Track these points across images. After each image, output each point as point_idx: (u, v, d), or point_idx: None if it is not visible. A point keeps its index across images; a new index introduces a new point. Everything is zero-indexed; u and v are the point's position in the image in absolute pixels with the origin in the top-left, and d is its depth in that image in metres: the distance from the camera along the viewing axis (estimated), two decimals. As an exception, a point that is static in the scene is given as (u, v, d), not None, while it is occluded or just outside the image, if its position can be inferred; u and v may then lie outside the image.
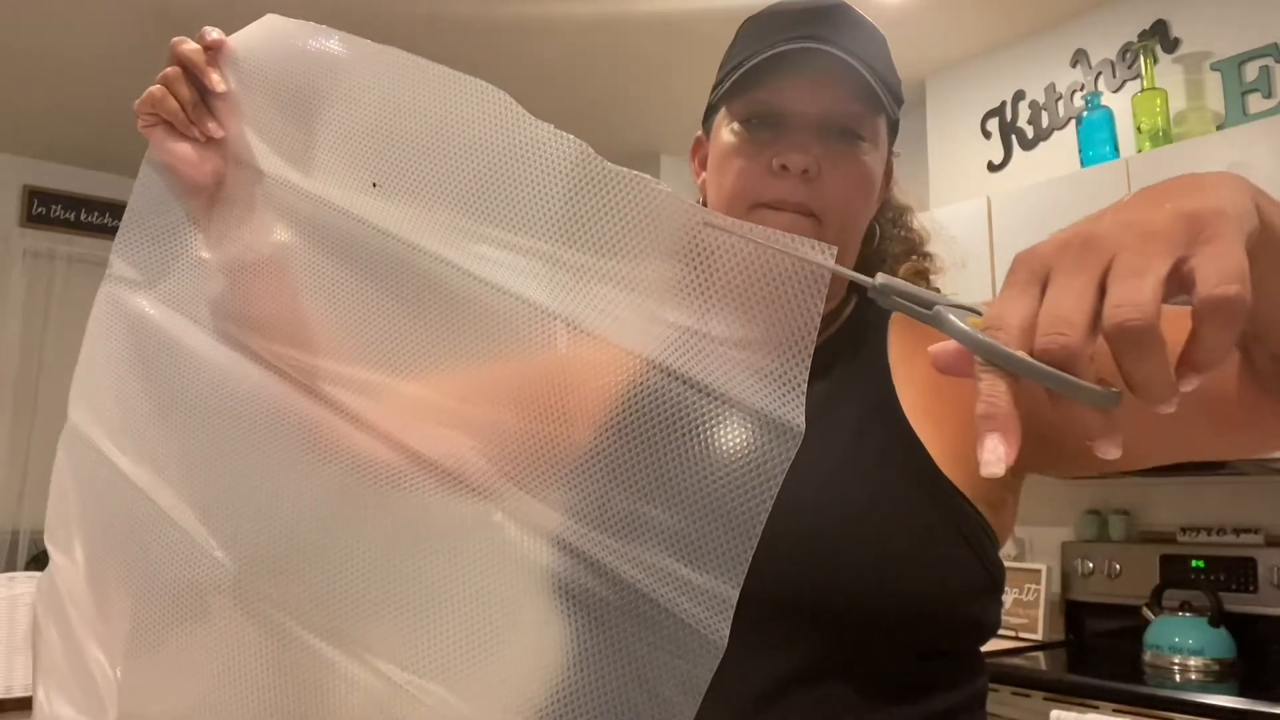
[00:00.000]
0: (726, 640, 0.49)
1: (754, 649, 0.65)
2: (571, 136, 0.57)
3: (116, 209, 4.08)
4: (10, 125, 3.65)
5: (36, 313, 3.92)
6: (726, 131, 0.78)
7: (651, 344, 0.54)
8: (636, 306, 0.55)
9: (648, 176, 0.54)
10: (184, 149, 0.74)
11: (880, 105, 0.75)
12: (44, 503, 0.78)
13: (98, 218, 4.10)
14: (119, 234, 0.79)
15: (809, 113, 0.74)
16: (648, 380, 0.54)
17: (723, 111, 0.79)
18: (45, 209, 4.00)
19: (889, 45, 0.80)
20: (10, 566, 3.68)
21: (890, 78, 0.78)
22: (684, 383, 0.53)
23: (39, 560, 3.66)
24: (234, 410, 0.72)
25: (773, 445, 0.49)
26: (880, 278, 0.45)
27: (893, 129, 0.80)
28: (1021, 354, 0.38)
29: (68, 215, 4.04)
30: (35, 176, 3.99)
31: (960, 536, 0.69)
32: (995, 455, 0.37)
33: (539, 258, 0.58)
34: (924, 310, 0.43)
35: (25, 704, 2.85)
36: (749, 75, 0.75)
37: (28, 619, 2.99)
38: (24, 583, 3.04)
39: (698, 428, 0.52)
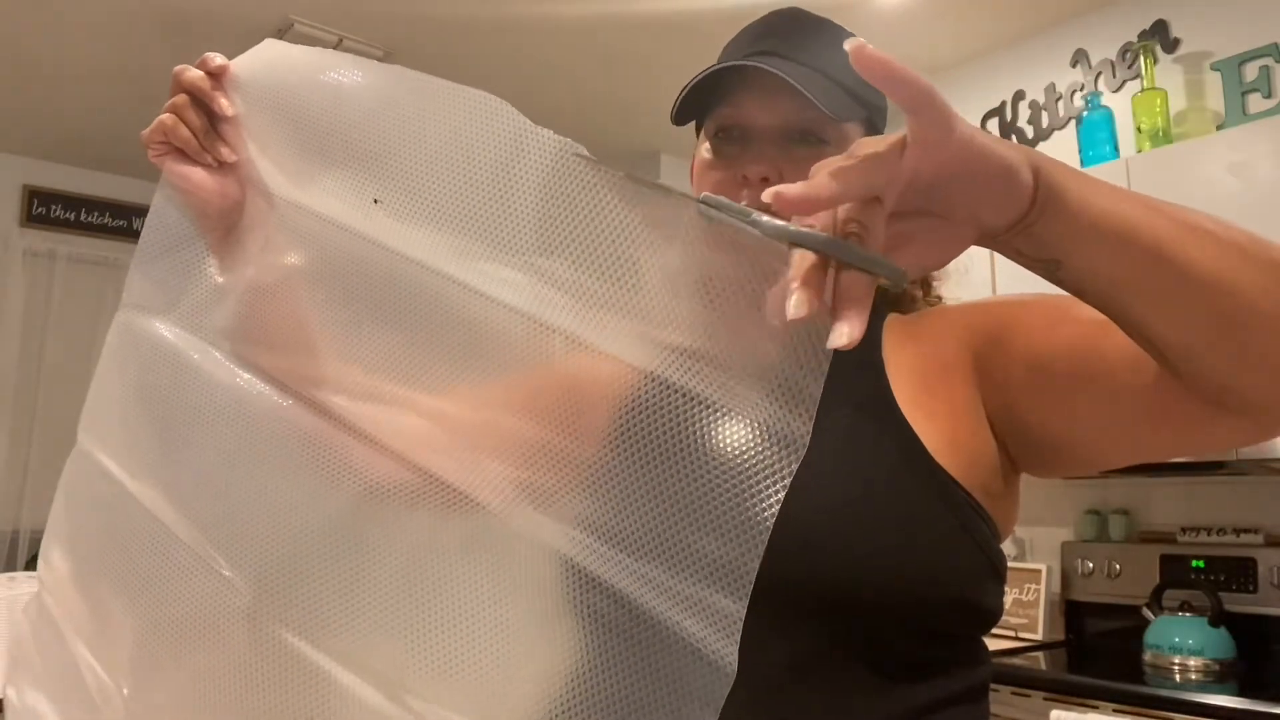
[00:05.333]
0: (736, 666, 0.49)
1: (767, 634, 0.67)
2: (570, 141, 0.56)
3: (116, 209, 4.11)
4: (10, 125, 3.65)
5: (36, 313, 3.91)
6: (702, 149, 0.83)
7: (656, 359, 0.54)
8: (642, 321, 0.54)
9: (659, 184, 0.53)
10: (199, 175, 0.76)
11: (844, 112, 0.78)
12: (44, 502, 0.79)
13: (98, 218, 4.09)
14: (134, 261, 0.80)
15: (770, 124, 0.79)
16: (651, 394, 0.54)
17: (701, 131, 0.84)
18: (45, 209, 3.99)
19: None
20: (10, 566, 3.68)
21: (859, 85, 0.79)
22: (686, 396, 0.52)
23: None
24: (247, 431, 0.72)
25: (776, 457, 0.49)
26: (704, 195, 0.50)
27: (872, 134, 0.81)
28: (827, 235, 0.46)
29: (68, 215, 4.03)
30: (35, 176, 3.98)
31: (956, 522, 0.70)
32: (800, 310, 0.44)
33: (542, 272, 0.58)
34: (743, 222, 0.49)
35: (25, 704, 2.85)
36: (702, 90, 0.80)
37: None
38: (24, 583, 3.03)
39: (701, 440, 0.52)
